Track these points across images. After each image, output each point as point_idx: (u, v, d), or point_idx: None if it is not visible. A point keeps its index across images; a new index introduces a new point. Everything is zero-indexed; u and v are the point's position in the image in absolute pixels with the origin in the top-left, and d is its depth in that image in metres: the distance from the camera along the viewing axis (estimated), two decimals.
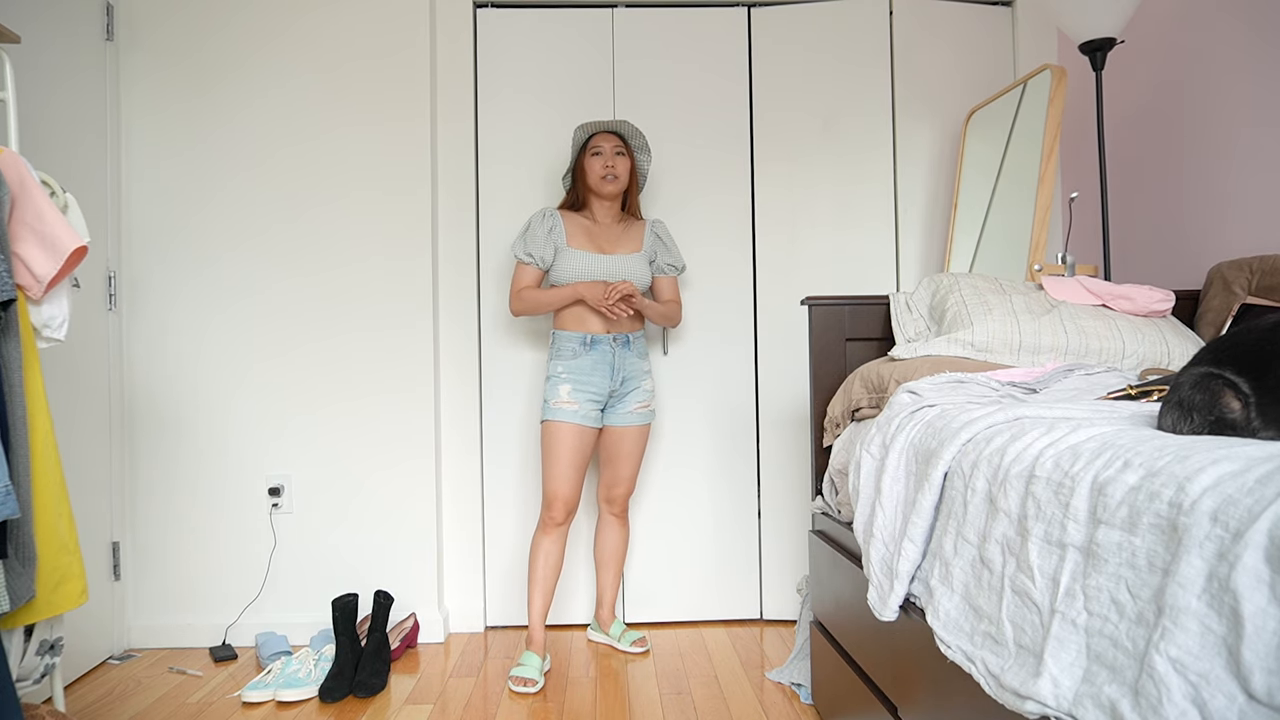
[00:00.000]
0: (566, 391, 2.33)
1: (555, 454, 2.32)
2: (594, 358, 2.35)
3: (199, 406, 2.59)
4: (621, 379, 2.39)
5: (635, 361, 2.41)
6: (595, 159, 2.40)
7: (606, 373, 2.36)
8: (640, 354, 2.44)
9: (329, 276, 2.62)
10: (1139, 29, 2.38)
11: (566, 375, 2.35)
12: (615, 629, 2.53)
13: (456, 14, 2.71)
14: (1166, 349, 1.72)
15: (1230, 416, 0.90)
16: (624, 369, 2.39)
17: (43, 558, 1.49)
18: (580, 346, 2.35)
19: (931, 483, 1.20)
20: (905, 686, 1.32)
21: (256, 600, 2.59)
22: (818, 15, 2.75)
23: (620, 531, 2.52)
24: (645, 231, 2.47)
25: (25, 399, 1.49)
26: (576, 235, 2.42)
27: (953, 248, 2.57)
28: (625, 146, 2.44)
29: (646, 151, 2.50)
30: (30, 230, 1.53)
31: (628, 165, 2.43)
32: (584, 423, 2.33)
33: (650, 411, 2.46)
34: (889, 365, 1.73)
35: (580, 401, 2.33)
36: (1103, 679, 0.77)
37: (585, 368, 2.35)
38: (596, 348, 2.35)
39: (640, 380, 2.43)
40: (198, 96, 2.61)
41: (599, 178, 2.39)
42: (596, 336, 2.35)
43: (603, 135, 2.42)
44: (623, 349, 2.38)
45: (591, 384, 2.35)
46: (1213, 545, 0.66)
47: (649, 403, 2.45)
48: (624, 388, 2.41)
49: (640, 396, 2.43)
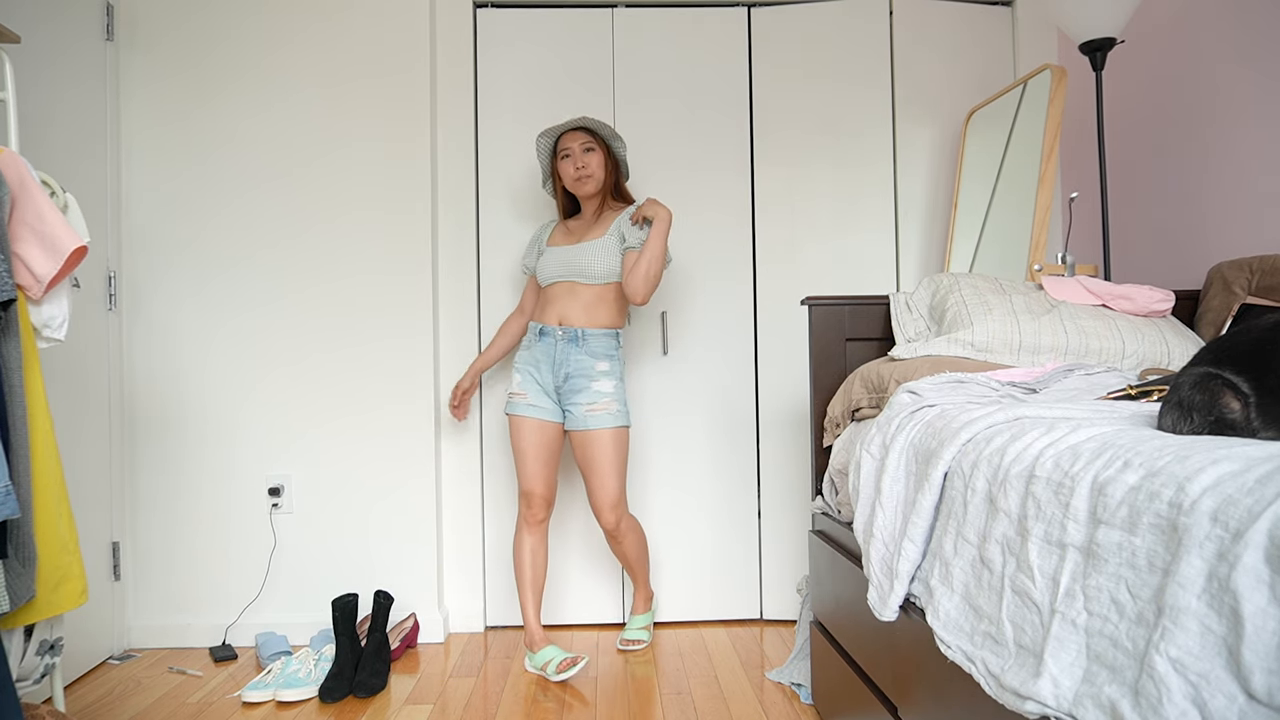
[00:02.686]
0: (517, 382, 2.37)
1: (516, 448, 2.37)
2: (540, 348, 2.36)
3: (199, 406, 2.59)
4: (565, 375, 2.31)
5: (583, 359, 2.31)
6: (566, 162, 2.37)
7: (549, 365, 2.34)
8: (594, 353, 2.31)
9: (330, 276, 2.61)
10: (1139, 29, 2.38)
11: (519, 365, 2.39)
12: (637, 621, 2.52)
13: (456, 14, 2.70)
14: (1166, 349, 1.72)
15: (1230, 416, 0.90)
16: (567, 364, 2.31)
17: (43, 558, 1.49)
18: (533, 337, 2.38)
19: (931, 483, 1.20)
20: (905, 686, 1.32)
21: (256, 600, 2.59)
22: (818, 15, 2.75)
23: (620, 546, 2.41)
24: (619, 215, 2.39)
25: (25, 399, 1.49)
26: (558, 234, 2.45)
27: (953, 247, 2.57)
28: (594, 140, 2.38)
29: (618, 138, 2.42)
30: (30, 230, 1.53)
31: (600, 159, 2.37)
32: (538, 415, 2.34)
33: (610, 414, 2.29)
34: (889, 365, 1.73)
35: (529, 392, 2.35)
36: (1103, 679, 0.77)
37: (532, 359, 2.37)
38: (543, 339, 2.36)
39: (589, 380, 2.30)
40: (198, 93, 2.60)
41: (573, 180, 2.37)
42: (546, 327, 2.36)
43: (568, 135, 2.38)
44: (568, 343, 2.31)
45: (537, 376, 2.36)
46: (1213, 545, 0.66)
47: (604, 404, 2.29)
48: (568, 385, 2.32)
49: (590, 397, 2.29)
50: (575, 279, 2.34)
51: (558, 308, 2.35)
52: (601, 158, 2.39)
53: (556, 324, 2.34)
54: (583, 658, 2.21)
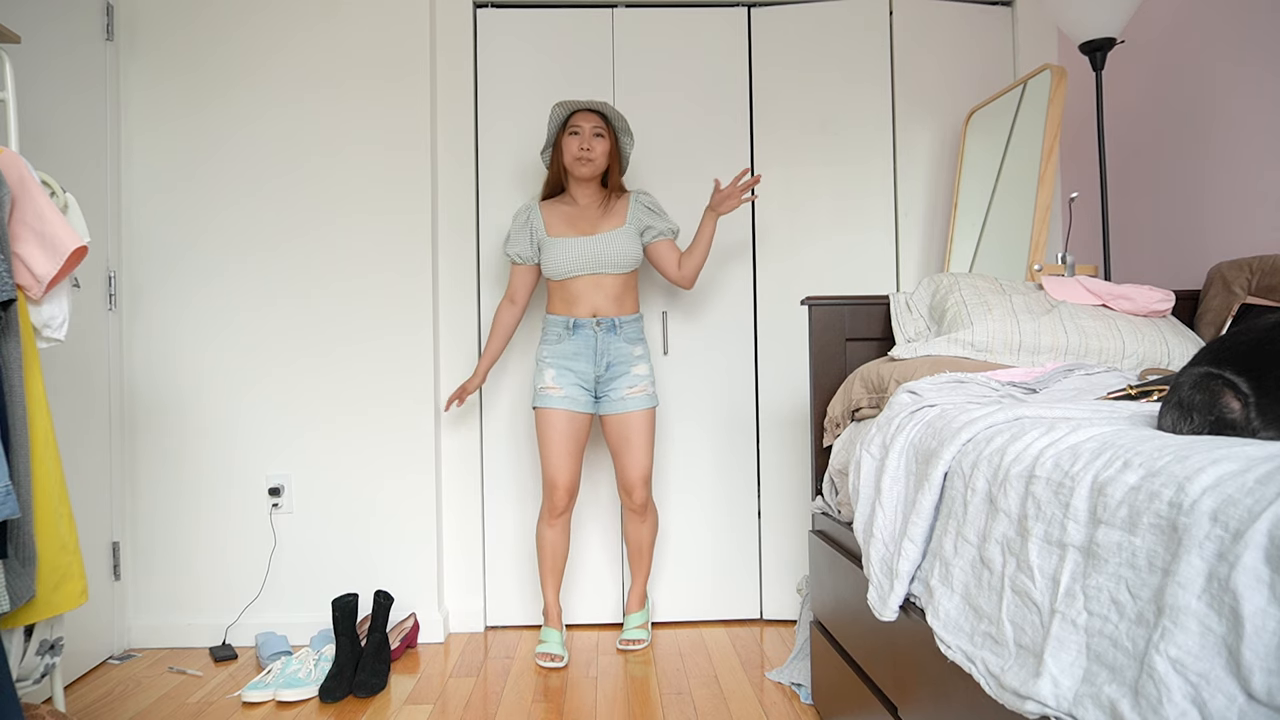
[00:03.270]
0: (550, 376, 2.37)
1: (546, 440, 2.37)
2: (577, 342, 2.36)
3: (199, 406, 2.59)
4: (606, 364, 2.37)
5: (622, 346, 2.38)
6: (572, 139, 2.37)
7: (590, 357, 2.36)
8: (630, 339, 2.39)
9: (330, 276, 2.61)
10: (1139, 29, 2.38)
11: (550, 360, 2.38)
12: (634, 620, 2.51)
13: (456, 14, 2.71)
14: (1166, 349, 1.72)
15: (1230, 416, 0.90)
16: (608, 353, 2.37)
17: (43, 558, 1.49)
18: (564, 330, 2.37)
19: (931, 483, 1.20)
20: (905, 686, 1.32)
21: (256, 600, 2.59)
22: (818, 15, 2.75)
23: (640, 525, 2.46)
24: (630, 203, 2.42)
25: (25, 399, 1.49)
26: (557, 223, 2.41)
27: (953, 247, 2.57)
28: (606, 127, 2.39)
29: (629, 134, 2.45)
30: (30, 230, 1.53)
31: (606, 147, 2.39)
32: (570, 407, 2.35)
33: (647, 395, 2.39)
34: (889, 365, 1.73)
35: (564, 386, 2.35)
36: (1103, 679, 0.77)
37: (568, 352, 2.36)
38: (579, 332, 2.36)
39: (629, 365, 2.38)
40: (198, 94, 2.61)
41: (574, 158, 2.36)
42: (579, 320, 2.36)
43: (582, 114, 2.38)
44: (607, 333, 2.36)
45: (575, 368, 2.36)
46: (1213, 545, 0.67)
47: (643, 387, 2.39)
48: (609, 373, 2.38)
49: (630, 381, 2.37)
50: (602, 271, 2.35)
51: (588, 301, 2.36)
52: (608, 146, 2.39)
53: (591, 315, 2.36)
54: (562, 659, 2.34)
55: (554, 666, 2.33)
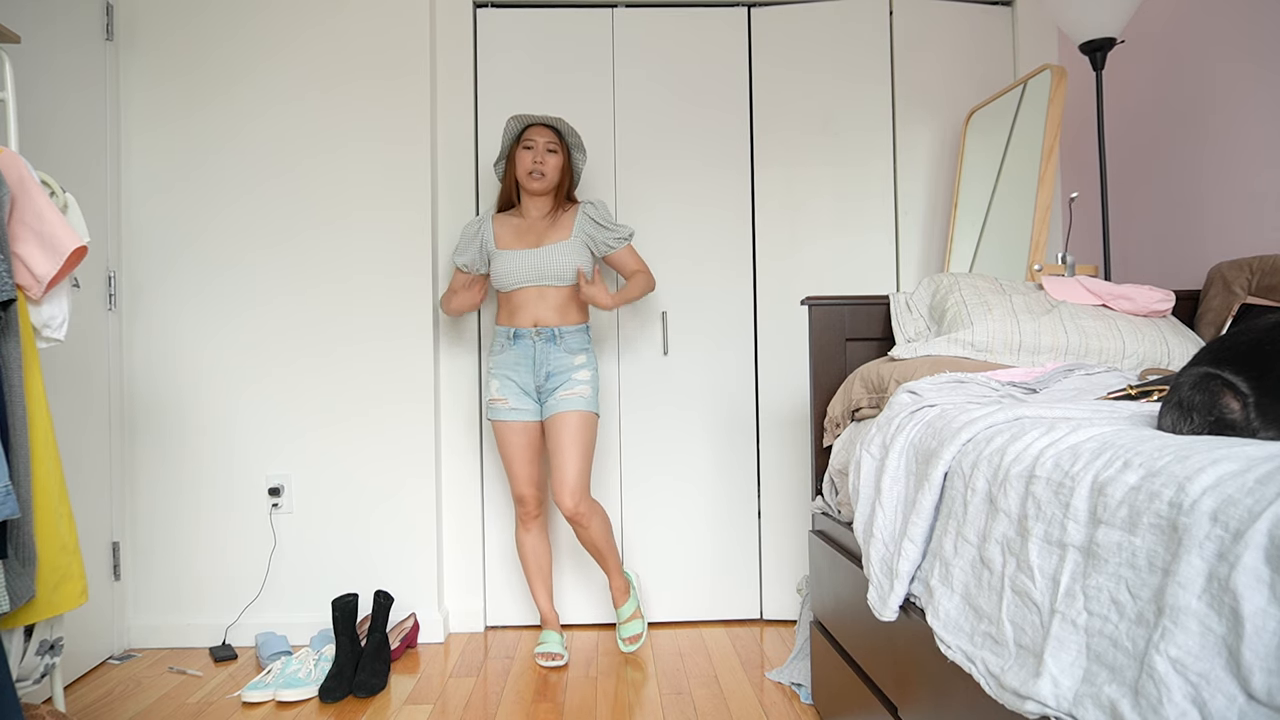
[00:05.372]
0: (495, 388, 2.40)
1: (504, 452, 2.42)
2: (516, 352, 2.38)
3: (199, 406, 2.59)
4: (546, 373, 2.37)
5: (562, 356, 2.36)
6: (526, 152, 2.38)
7: (529, 366, 2.37)
8: (571, 349, 2.37)
9: (330, 276, 2.61)
10: (1139, 29, 2.38)
11: (495, 370, 2.41)
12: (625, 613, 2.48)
13: (456, 14, 2.71)
14: (1166, 349, 1.72)
15: (1230, 416, 0.90)
16: (548, 363, 2.36)
17: (43, 558, 1.49)
18: (506, 340, 2.40)
19: (931, 483, 1.20)
20: (905, 686, 1.32)
21: (256, 600, 2.59)
22: (818, 15, 2.75)
23: (586, 532, 2.36)
24: (576, 216, 2.43)
25: (25, 399, 1.49)
26: (505, 236, 2.43)
27: (953, 247, 2.57)
28: (559, 143, 2.41)
29: (582, 150, 2.46)
30: (30, 230, 1.53)
31: (558, 163, 2.40)
32: (519, 418, 2.38)
33: (581, 399, 2.33)
34: (889, 365, 1.73)
35: (509, 396, 2.38)
36: (1103, 679, 0.77)
37: (509, 362, 2.39)
38: (519, 342, 2.38)
39: (570, 373, 2.35)
40: (198, 94, 2.61)
41: (526, 172, 2.37)
42: (520, 330, 2.38)
43: (537, 129, 2.40)
44: (546, 343, 2.36)
45: (515, 378, 2.38)
46: (1213, 545, 0.67)
47: (579, 391, 2.33)
48: (550, 382, 2.37)
49: (568, 386, 2.34)
50: (546, 283, 2.37)
51: (530, 311, 2.38)
52: (560, 162, 2.41)
53: (532, 326, 2.37)
54: (562, 657, 2.35)
55: (554, 665, 2.33)
